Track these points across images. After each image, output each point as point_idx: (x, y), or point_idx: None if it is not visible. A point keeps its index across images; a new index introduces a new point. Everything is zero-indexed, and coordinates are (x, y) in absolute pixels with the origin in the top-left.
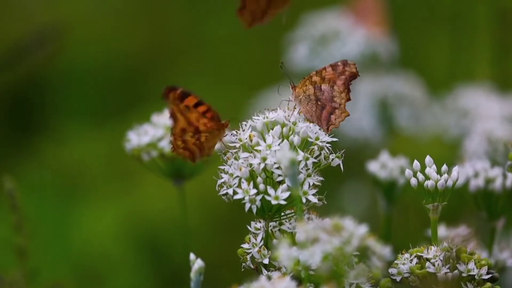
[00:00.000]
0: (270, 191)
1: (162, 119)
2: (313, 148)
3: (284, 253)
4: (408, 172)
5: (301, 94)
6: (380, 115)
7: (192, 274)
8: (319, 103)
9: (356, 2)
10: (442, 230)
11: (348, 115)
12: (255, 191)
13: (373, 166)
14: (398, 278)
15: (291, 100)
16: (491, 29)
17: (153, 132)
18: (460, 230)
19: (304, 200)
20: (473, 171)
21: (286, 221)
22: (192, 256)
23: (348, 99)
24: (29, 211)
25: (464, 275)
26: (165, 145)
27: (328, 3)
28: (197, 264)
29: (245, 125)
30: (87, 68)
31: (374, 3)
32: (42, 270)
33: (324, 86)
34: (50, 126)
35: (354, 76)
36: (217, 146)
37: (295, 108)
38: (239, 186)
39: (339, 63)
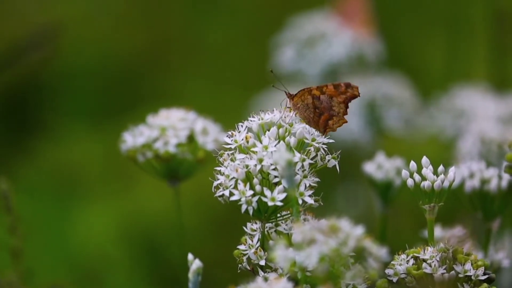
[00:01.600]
0: (267, 192)
1: (158, 120)
2: (309, 149)
3: (281, 254)
4: (404, 172)
5: (299, 103)
6: (369, 116)
7: (190, 275)
8: (317, 110)
9: (342, 3)
10: (437, 231)
11: (346, 122)
12: (251, 192)
13: (369, 167)
14: (394, 279)
15: (289, 107)
16: (487, 30)
17: (148, 133)
18: (455, 231)
19: (300, 201)
20: (468, 171)
21: (282, 222)
22: (190, 256)
23: (345, 113)
24: (26, 211)
25: (460, 275)
26: (160, 146)
27: (314, 5)
28: (195, 264)
29: (241, 126)
30: (84, 68)
31: (360, 4)
32: (39, 271)
33: (323, 97)
34: (47, 127)
35: (354, 97)
36: (209, 146)
37: (291, 110)
38: (235, 187)
39: (342, 84)
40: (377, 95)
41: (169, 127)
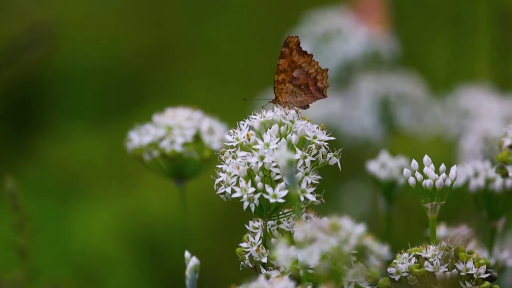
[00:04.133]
0: (268, 189)
1: (164, 119)
2: (311, 147)
3: (282, 253)
4: (406, 171)
5: (286, 97)
6: (381, 114)
7: (187, 272)
8: (302, 87)
9: (358, 0)
10: (442, 230)
11: (327, 69)
12: (253, 189)
13: (373, 166)
14: (396, 277)
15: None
16: (491, 29)
17: (155, 132)
18: (460, 230)
19: (302, 199)
20: (473, 170)
21: (284, 220)
22: (187, 254)
23: (314, 60)
24: (28, 211)
25: (462, 274)
26: (167, 145)
27: (330, 2)
28: (192, 262)
29: (243, 124)
30: (86, 68)
31: (376, 1)
32: (41, 270)
33: (295, 72)
34: (49, 126)
35: (297, 40)
36: (216, 145)
37: (290, 108)
38: (237, 184)
39: (282, 49)
40: (390, 93)
41: (175, 126)
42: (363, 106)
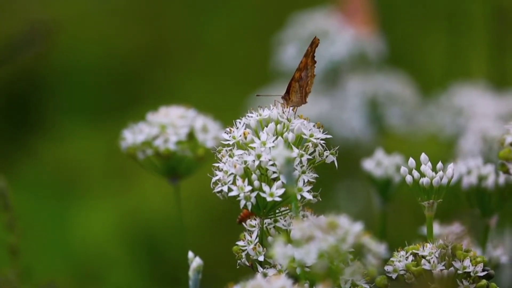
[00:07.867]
0: (265, 188)
1: (157, 118)
2: (307, 145)
3: (280, 251)
4: (403, 169)
5: (293, 96)
6: (370, 114)
7: (191, 273)
8: (301, 88)
9: (344, 2)
10: (435, 228)
11: (315, 75)
12: (250, 188)
13: (368, 164)
14: (393, 275)
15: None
16: (487, 27)
17: (148, 130)
18: (453, 227)
19: (299, 197)
20: (465, 168)
21: (281, 218)
22: (190, 254)
23: (314, 64)
24: (26, 209)
25: (459, 272)
26: (160, 143)
27: (316, 3)
28: (195, 262)
29: (239, 122)
30: (84, 66)
31: (362, 2)
32: (38, 269)
33: (303, 73)
34: (46, 125)
35: (315, 44)
36: (209, 143)
37: (288, 106)
38: (233, 183)
39: (308, 48)
40: (379, 93)
41: (168, 124)
42: (351, 107)
